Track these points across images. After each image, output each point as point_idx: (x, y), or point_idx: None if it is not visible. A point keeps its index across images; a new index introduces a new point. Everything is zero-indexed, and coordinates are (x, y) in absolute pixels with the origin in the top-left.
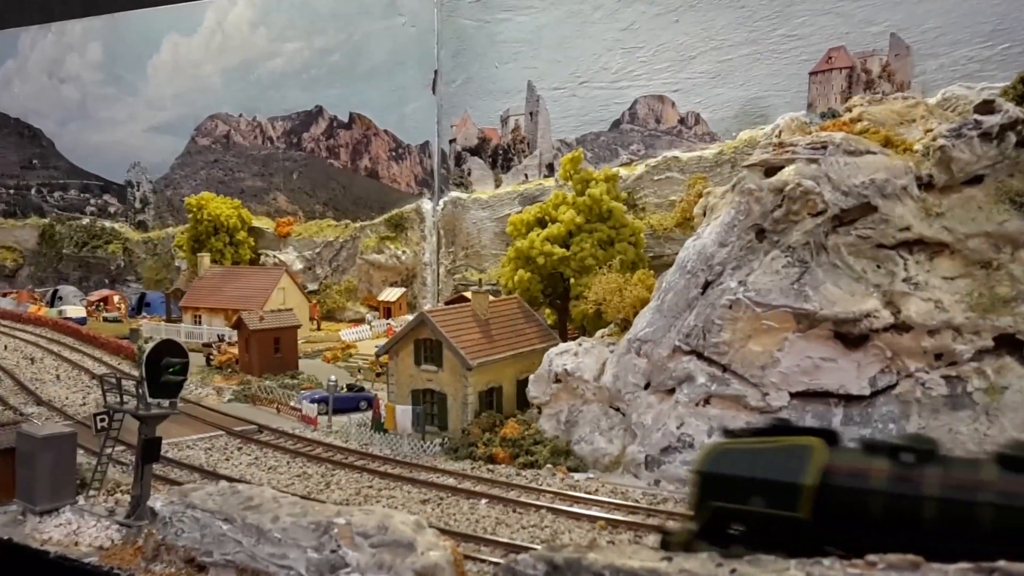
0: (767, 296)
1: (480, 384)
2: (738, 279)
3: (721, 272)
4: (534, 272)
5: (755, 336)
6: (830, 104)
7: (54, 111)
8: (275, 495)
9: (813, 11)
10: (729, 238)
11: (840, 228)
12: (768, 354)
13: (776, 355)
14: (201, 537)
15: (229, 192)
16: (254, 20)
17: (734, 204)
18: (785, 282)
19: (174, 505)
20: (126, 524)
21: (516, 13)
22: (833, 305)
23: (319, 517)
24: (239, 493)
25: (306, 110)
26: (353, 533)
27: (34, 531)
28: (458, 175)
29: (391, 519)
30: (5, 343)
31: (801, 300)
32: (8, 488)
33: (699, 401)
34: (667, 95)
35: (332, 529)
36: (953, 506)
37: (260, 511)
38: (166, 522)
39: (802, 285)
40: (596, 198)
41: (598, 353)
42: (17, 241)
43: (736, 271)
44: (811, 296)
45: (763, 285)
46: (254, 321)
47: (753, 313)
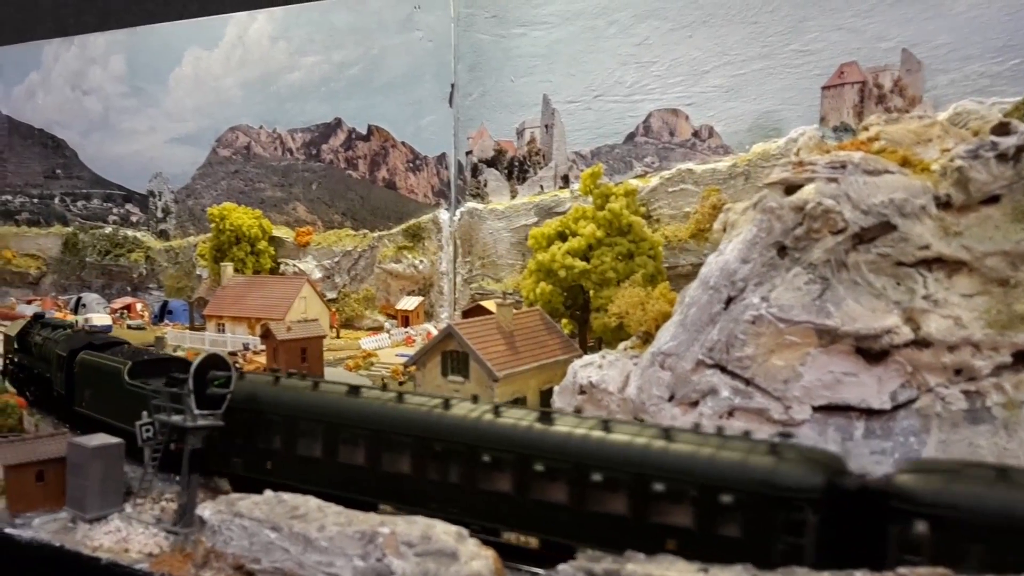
0: (790, 312)
1: (506, 395)
2: (761, 295)
3: (743, 288)
4: (555, 285)
5: (778, 351)
6: (842, 118)
7: (77, 122)
8: (320, 504)
9: (824, 27)
10: (751, 255)
11: (860, 246)
12: (791, 368)
13: (799, 369)
14: (249, 545)
15: (249, 202)
16: (274, 34)
17: (755, 221)
18: (807, 298)
19: (222, 514)
20: (174, 531)
21: (531, 28)
22: (854, 321)
23: (364, 526)
24: (284, 502)
25: (325, 122)
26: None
27: (85, 538)
28: (474, 186)
29: (434, 529)
30: None
31: (823, 316)
32: (58, 496)
33: (723, 414)
34: (681, 108)
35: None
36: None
37: (306, 520)
38: (215, 530)
39: (824, 301)
40: (616, 212)
41: (622, 366)
42: (41, 249)
43: (758, 287)
44: (833, 312)
45: (786, 301)
46: (282, 331)
47: (776, 328)
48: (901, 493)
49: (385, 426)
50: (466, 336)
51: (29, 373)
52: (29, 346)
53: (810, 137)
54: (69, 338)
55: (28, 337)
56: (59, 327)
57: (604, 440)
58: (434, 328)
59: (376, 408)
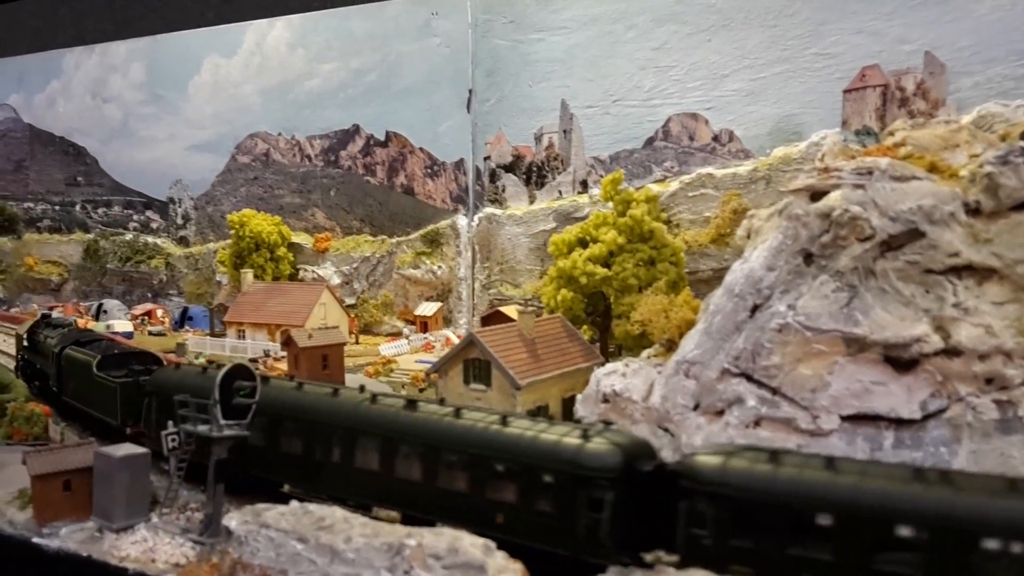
0: (817, 320)
1: (528, 403)
2: (787, 303)
3: (769, 296)
4: (576, 291)
5: (805, 359)
6: (864, 122)
7: (98, 130)
8: (346, 516)
9: (845, 30)
10: (777, 262)
11: (888, 253)
12: (818, 377)
13: (826, 378)
14: (276, 556)
15: (268, 208)
16: (292, 41)
17: (781, 228)
18: (834, 306)
19: (249, 524)
20: (200, 542)
21: (549, 33)
22: (883, 330)
23: (391, 538)
24: (311, 513)
25: (343, 129)
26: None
27: (112, 548)
28: (492, 192)
29: (461, 541)
30: None
31: (851, 324)
32: (84, 506)
33: (749, 423)
34: (700, 113)
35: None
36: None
37: (333, 531)
38: (242, 541)
39: (851, 310)
40: (638, 219)
41: (646, 374)
42: (62, 256)
43: (785, 295)
44: (861, 321)
45: (813, 309)
46: (303, 338)
47: (803, 337)
48: (688, 473)
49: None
50: (488, 344)
51: (34, 368)
52: (36, 343)
53: (834, 143)
54: (63, 335)
55: (35, 335)
56: (60, 326)
57: (453, 425)
58: (453, 334)
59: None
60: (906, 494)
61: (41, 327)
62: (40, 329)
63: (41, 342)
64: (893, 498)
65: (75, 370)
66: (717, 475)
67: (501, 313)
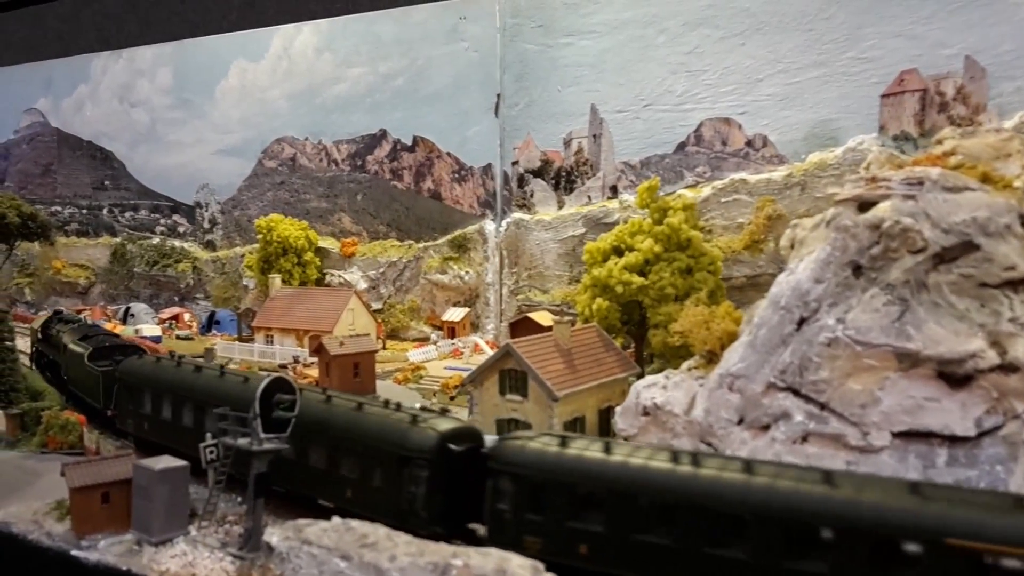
0: (867, 334)
1: (565, 414)
2: (836, 316)
3: (817, 309)
4: (612, 300)
5: (855, 374)
6: (903, 127)
7: (125, 134)
8: (389, 533)
9: (883, 34)
10: (825, 274)
11: (941, 266)
12: (868, 393)
13: (877, 394)
14: (319, 573)
15: (295, 213)
16: (319, 46)
17: (829, 240)
18: (885, 320)
19: (290, 540)
20: (239, 556)
21: (579, 38)
22: (937, 345)
23: (436, 557)
24: (353, 530)
25: (370, 133)
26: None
27: (151, 562)
28: (520, 197)
29: (509, 563)
30: None
31: (903, 339)
32: (123, 518)
33: (796, 439)
34: (733, 117)
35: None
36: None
37: (376, 549)
38: (283, 557)
39: (903, 324)
40: (675, 227)
41: (687, 387)
42: (90, 259)
43: (833, 308)
44: (913, 335)
45: (863, 323)
46: (335, 346)
47: (853, 351)
48: (493, 455)
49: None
50: (524, 355)
51: (47, 358)
52: (49, 337)
53: (880, 151)
54: (72, 330)
55: (48, 329)
56: (71, 322)
57: (330, 412)
58: (481, 340)
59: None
60: (660, 473)
61: (54, 322)
62: (53, 324)
63: (53, 335)
64: (649, 477)
65: (73, 360)
66: (514, 457)
67: (529, 319)
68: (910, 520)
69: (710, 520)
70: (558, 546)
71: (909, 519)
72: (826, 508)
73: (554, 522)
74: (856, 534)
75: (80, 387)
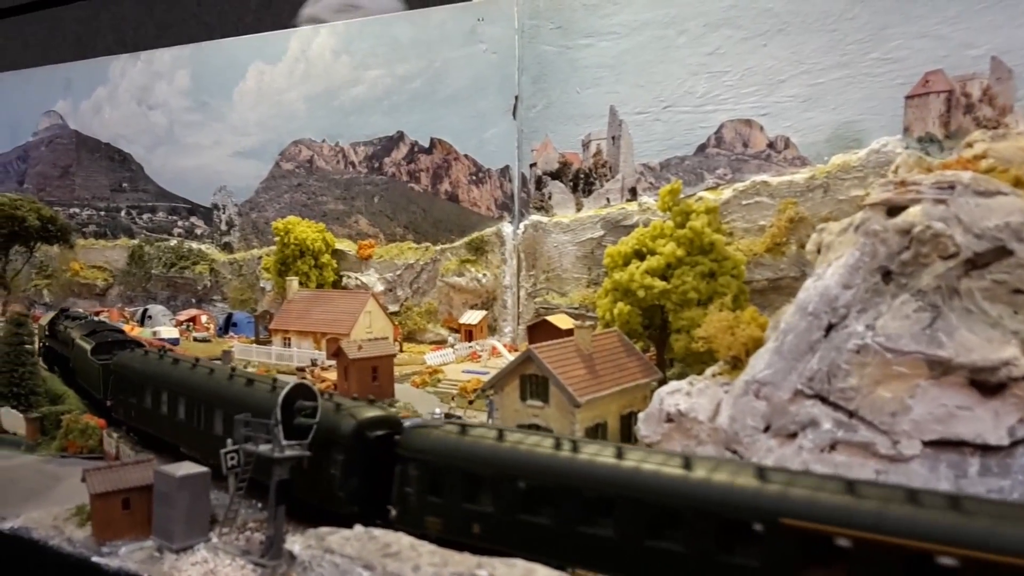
0: (898, 341)
1: (587, 420)
2: (865, 323)
3: (846, 315)
4: (633, 305)
5: (884, 382)
6: (928, 128)
7: (143, 136)
8: (412, 542)
9: (908, 34)
10: (854, 280)
11: (973, 272)
12: (899, 401)
13: (907, 402)
14: None
15: (312, 215)
16: (337, 48)
17: (858, 245)
18: (916, 327)
19: (312, 549)
20: (261, 564)
21: (598, 39)
22: (970, 352)
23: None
24: (376, 539)
25: (387, 135)
26: None
27: (173, 569)
28: (539, 199)
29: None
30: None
31: (935, 346)
32: (143, 524)
33: (824, 447)
34: (755, 119)
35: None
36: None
37: (400, 559)
38: (305, 566)
39: (935, 331)
40: (698, 231)
41: (712, 393)
42: (107, 261)
43: (862, 314)
44: (945, 342)
45: (893, 330)
46: (353, 350)
47: (883, 358)
48: (401, 442)
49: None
50: (546, 360)
51: (55, 353)
52: (56, 332)
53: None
54: (80, 326)
55: (55, 325)
56: (77, 318)
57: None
58: (499, 343)
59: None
60: (541, 457)
61: (60, 319)
62: (60, 321)
63: (61, 331)
64: (529, 461)
65: (79, 354)
66: (417, 444)
67: (547, 322)
68: (750, 501)
69: (582, 501)
70: (455, 526)
71: (749, 499)
72: (680, 490)
73: (451, 504)
74: (705, 514)
75: (84, 379)
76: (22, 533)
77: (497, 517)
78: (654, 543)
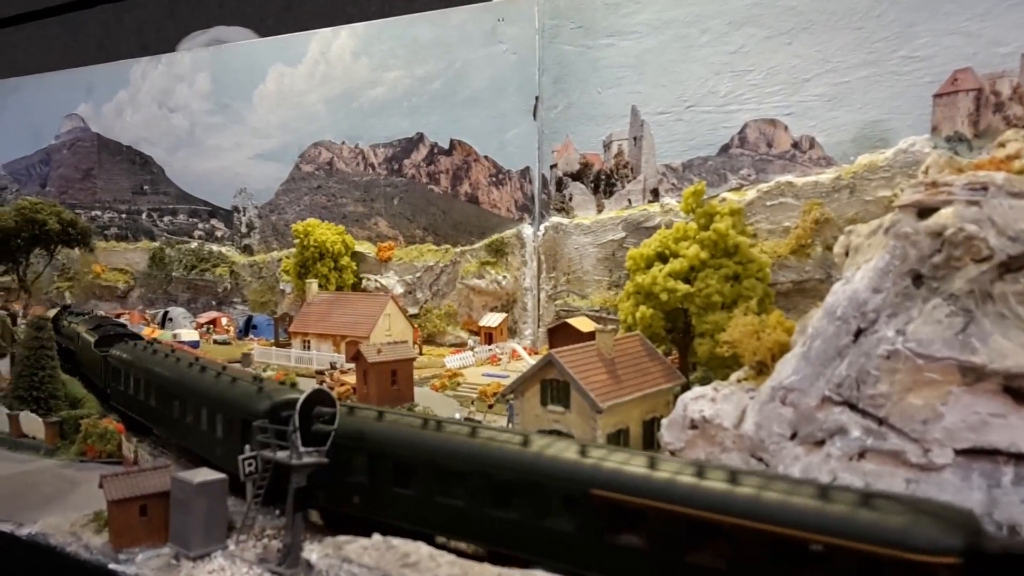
0: (929, 347)
1: (609, 426)
2: (895, 328)
3: (875, 320)
4: (656, 308)
5: (915, 388)
6: (956, 128)
7: (164, 139)
8: (432, 552)
9: (936, 32)
10: (884, 284)
11: (1008, 276)
12: (930, 408)
13: (939, 409)
14: None
15: (331, 217)
16: (356, 50)
17: (887, 247)
18: (948, 332)
19: (330, 558)
20: (279, 572)
21: (620, 38)
22: (1004, 358)
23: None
24: (394, 548)
25: (407, 137)
26: None
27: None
28: (559, 200)
29: None
30: None
31: (968, 352)
32: (160, 531)
33: (853, 455)
34: (779, 119)
35: None
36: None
37: (419, 569)
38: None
39: (968, 336)
40: (722, 233)
41: (737, 399)
42: (128, 263)
43: (892, 319)
44: (978, 348)
45: (924, 335)
46: (372, 354)
47: (914, 364)
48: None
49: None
50: (567, 364)
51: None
52: (60, 327)
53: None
54: (85, 321)
55: (59, 321)
56: (80, 314)
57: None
58: (519, 345)
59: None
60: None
61: (64, 315)
62: (63, 316)
63: (65, 327)
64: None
65: (84, 347)
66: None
67: (568, 325)
68: (568, 474)
69: (441, 475)
70: (337, 497)
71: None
72: (517, 463)
73: (337, 478)
74: (540, 487)
75: (89, 370)
76: (39, 539)
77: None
78: (494, 512)
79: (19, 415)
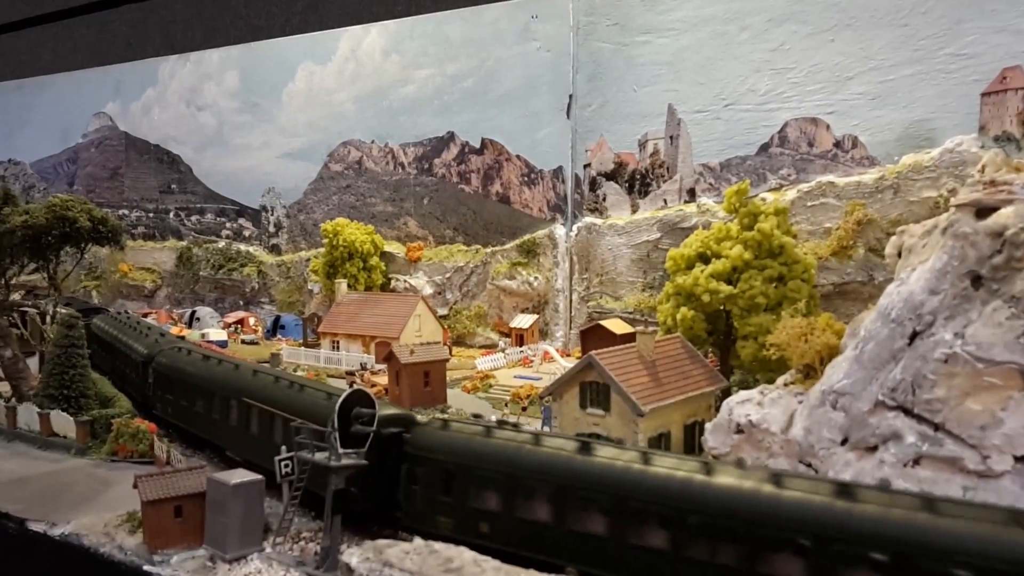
0: (990, 351)
1: (650, 430)
2: (953, 330)
3: (932, 322)
4: (697, 310)
5: (974, 393)
6: (1005, 127)
7: (192, 138)
8: (475, 558)
9: (985, 29)
10: (941, 285)
11: None
12: (989, 413)
13: (999, 415)
14: None
15: (360, 217)
16: (387, 48)
17: (945, 248)
18: (1010, 336)
19: (370, 562)
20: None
21: (656, 35)
22: None
23: None
24: (437, 553)
25: (438, 136)
26: None
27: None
28: (592, 200)
29: None
30: None
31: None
32: (195, 533)
33: (908, 461)
34: (821, 117)
35: None
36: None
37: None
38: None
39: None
40: (767, 233)
41: (785, 404)
42: (156, 263)
43: (950, 321)
44: None
45: (984, 338)
46: (405, 355)
47: (973, 368)
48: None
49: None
50: (608, 367)
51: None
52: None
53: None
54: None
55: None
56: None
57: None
58: (551, 347)
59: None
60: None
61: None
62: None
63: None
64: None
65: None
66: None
67: (601, 327)
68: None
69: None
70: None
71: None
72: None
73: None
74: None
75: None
76: (72, 540)
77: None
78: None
79: (49, 414)
